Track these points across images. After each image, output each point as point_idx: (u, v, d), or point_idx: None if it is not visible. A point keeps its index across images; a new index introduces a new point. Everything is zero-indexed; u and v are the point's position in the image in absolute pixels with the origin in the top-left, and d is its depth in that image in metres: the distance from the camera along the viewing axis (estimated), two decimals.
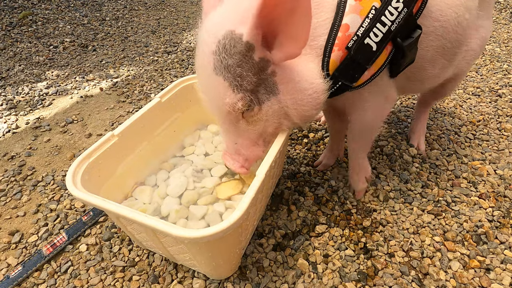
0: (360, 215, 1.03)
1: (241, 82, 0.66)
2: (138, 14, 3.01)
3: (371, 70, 0.74)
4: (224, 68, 0.65)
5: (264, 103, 0.71)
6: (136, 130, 0.94)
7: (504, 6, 2.66)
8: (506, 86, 1.66)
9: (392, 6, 0.70)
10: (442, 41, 0.83)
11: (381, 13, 0.69)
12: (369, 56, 0.72)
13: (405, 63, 0.79)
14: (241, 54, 0.64)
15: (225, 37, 0.63)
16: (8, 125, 1.53)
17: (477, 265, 0.87)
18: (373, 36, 0.70)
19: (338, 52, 0.71)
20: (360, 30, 0.69)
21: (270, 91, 0.70)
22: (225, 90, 0.66)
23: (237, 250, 0.81)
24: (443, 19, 0.80)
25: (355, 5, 0.69)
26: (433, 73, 0.91)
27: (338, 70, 0.73)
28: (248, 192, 0.66)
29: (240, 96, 0.67)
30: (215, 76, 0.66)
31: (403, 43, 0.73)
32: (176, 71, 2.01)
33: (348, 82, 0.75)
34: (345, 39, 0.70)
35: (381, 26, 0.70)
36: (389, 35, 0.71)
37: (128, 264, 0.92)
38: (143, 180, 0.99)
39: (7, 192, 1.18)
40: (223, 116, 0.72)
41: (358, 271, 0.88)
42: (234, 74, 0.65)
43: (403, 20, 0.71)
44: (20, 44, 2.35)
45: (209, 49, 0.65)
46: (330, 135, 1.19)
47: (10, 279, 0.88)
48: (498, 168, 1.17)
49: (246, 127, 0.75)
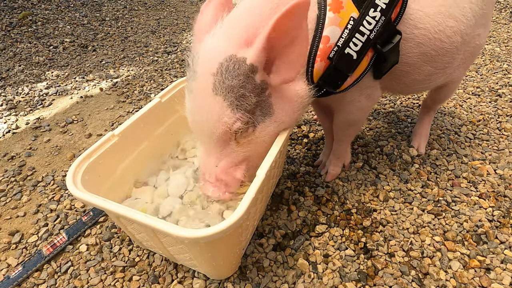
0: (360, 215, 1.03)
1: (242, 102, 0.68)
2: (138, 14, 3.01)
3: (353, 76, 0.79)
4: (225, 88, 0.66)
5: (259, 124, 0.73)
6: (136, 130, 0.93)
7: (504, 6, 2.67)
8: (506, 85, 1.66)
9: (370, 15, 0.73)
10: (424, 48, 0.85)
11: (359, 23, 0.73)
12: (350, 64, 0.75)
13: (387, 66, 0.82)
14: (244, 76, 0.66)
15: (227, 60, 0.66)
16: (8, 125, 1.53)
17: (477, 265, 0.87)
18: (352, 46, 0.73)
19: (320, 62, 0.75)
20: (340, 41, 0.73)
21: (265, 112, 0.73)
22: (224, 110, 0.68)
23: (237, 250, 0.81)
24: (422, 26, 0.82)
25: (333, 17, 0.72)
26: (418, 78, 0.93)
27: (322, 79, 0.78)
28: (248, 192, 0.66)
29: (238, 116, 0.68)
30: (214, 96, 0.67)
31: (382, 49, 0.77)
32: (176, 71, 2.01)
33: (331, 89, 0.80)
34: (327, 50, 0.74)
35: (360, 35, 0.73)
36: (368, 43, 0.74)
37: (128, 264, 0.92)
38: (143, 180, 0.99)
39: (7, 192, 1.18)
40: (215, 137, 0.72)
41: (358, 271, 0.88)
42: (236, 95, 0.67)
43: (381, 28, 0.74)
44: (20, 45, 2.35)
45: (208, 71, 0.67)
46: (325, 132, 1.22)
47: (10, 280, 0.88)
48: (498, 168, 1.17)
49: (235, 148, 0.75)
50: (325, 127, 1.19)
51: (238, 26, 0.69)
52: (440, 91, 1.14)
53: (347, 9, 0.73)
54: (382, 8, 0.73)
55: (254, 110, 0.71)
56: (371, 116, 1.51)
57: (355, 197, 1.09)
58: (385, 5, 0.73)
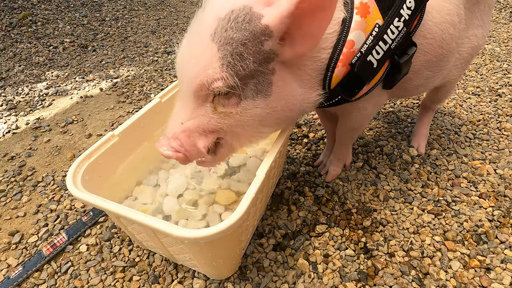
0: (360, 215, 1.03)
1: (237, 62, 0.59)
2: (137, 14, 3.01)
3: (369, 85, 0.77)
4: (225, 38, 0.58)
5: (247, 99, 0.64)
6: (136, 130, 0.94)
7: (504, 6, 2.66)
8: (506, 85, 1.66)
9: (394, 25, 0.71)
10: (428, 56, 0.86)
11: (384, 31, 0.70)
12: (370, 72, 0.73)
13: (400, 77, 0.81)
14: (252, 34, 0.58)
15: (241, 9, 0.58)
16: (8, 126, 1.53)
17: (477, 265, 0.87)
18: (375, 54, 0.71)
19: (341, 68, 0.71)
20: (364, 47, 0.70)
21: (261, 89, 0.64)
22: (212, 60, 0.59)
23: (237, 250, 0.81)
24: (430, 36, 0.82)
25: (360, 22, 0.69)
26: (418, 82, 0.93)
27: (340, 85, 0.74)
28: (248, 192, 0.66)
29: (224, 75, 0.59)
30: (209, 42, 0.59)
31: (399, 60, 0.75)
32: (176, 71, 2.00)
33: (347, 96, 0.76)
34: (350, 55, 0.70)
35: (383, 44, 0.71)
36: (389, 53, 0.73)
37: (128, 264, 0.92)
38: (143, 180, 0.99)
39: (7, 193, 1.18)
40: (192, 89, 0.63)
41: (358, 271, 0.88)
42: (233, 50, 0.58)
43: (402, 39, 0.73)
44: (20, 45, 2.35)
45: (216, 14, 0.60)
46: (326, 133, 1.22)
47: (10, 280, 0.88)
48: (498, 168, 1.17)
49: (209, 113, 0.65)
50: (326, 128, 1.19)
51: None
52: (438, 91, 1.15)
53: (373, 15, 0.70)
54: (405, 19, 0.71)
55: (247, 80, 0.62)
56: None
57: (355, 197, 1.09)
58: (408, 16, 0.72)
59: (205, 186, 0.96)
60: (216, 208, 0.90)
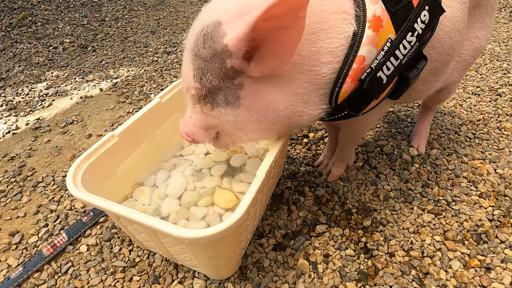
0: (360, 214, 1.03)
1: (201, 76, 0.64)
2: (137, 14, 3.01)
3: (376, 100, 0.74)
4: (195, 52, 0.63)
5: (218, 107, 0.68)
6: (136, 130, 0.93)
7: (504, 5, 2.66)
8: (506, 85, 1.66)
9: (407, 40, 0.68)
10: (435, 64, 0.84)
11: (396, 47, 0.67)
12: (379, 88, 0.69)
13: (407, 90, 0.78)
14: (214, 51, 0.60)
15: (210, 25, 0.60)
16: (8, 126, 1.53)
17: (477, 264, 0.87)
18: (385, 70, 0.68)
19: (350, 83, 0.68)
20: (375, 62, 0.67)
21: (229, 101, 0.66)
22: (188, 71, 0.66)
23: (237, 250, 0.81)
24: (439, 45, 0.80)
25: (373, 36, 0.65)
26: (422, 89, 0.93)
27: (347, 101, 0.71)
28: (248, 192, 0.66)
29: (195, 85, 0.66)
30: (190, 52, 0.65)
31: (409, 75, 0.73)
32: (176, 71, 2.01)
33: (354, 112, 0.73)
34: (359, 71, 0.67)
35: (394, 60, 0.68)
36: (400, 69, 0.70)
37: (128, 265, 0.92)
38: (143, 180, 0.99)
39: (7, 193, 1.18)
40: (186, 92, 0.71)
41: (358, 271, 0.88)
42: (199, 65, 0.63)
43: (413, 54, 0.70)
44: (19, 45, 2.35)
45: (197, 27, 0.64)
46: (328, 134, 1.22)
47: (10, 280, 0.88)
48: (498, 167, 1.17)
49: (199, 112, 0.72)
50: (328, 129, 1.19)
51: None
52: (439, 93, 1.14)
53: (386, 29, 0.66)
54: (419, 33, 0.68)
55: (216, 92, 0.66)
56: None
57: (355, 197, 1.09)
58: (421, 30, 0.68)
59: (206, 186, 0.96)
60: (216, 208, 0.90)
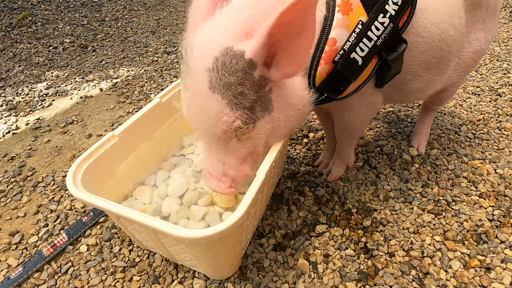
0: (360, 214, 1.03)
1: (241, 100, 0.64)
2: (137, 14, 3.01)
3: (356, 83, 0.76)
4: (223, 86, 0.62)
5: (259, 120, 0.69)
6: (136, 130, 0.93)
7: (504, 5, 2.66)
8: (506, 85, 1.66)
9: (379, 21, 0.71)
10: (426, 56, 0.85)
11: (368, 28, 0.70)
12: (355, 70, 0.73)
13: (391, 75, 0.80)
14: (243, 72, 0.61)
15: (223, 54, 0.61)
16: (8, 126, 1.53)
17: (477, 264, 0.87)
18: (359, 51, 0.71)
19: (325, 65, 0.72)
20: (347, 44, 0.70)
21: (265, 108, 0.68)
22: (223, 108, 0.64)
23: (237, 250, 0.81)
24: (426, 35, 0.81)
25: (342, 20, 0.69)
26: (418, 86, 0.92)
27: (324, 83, 0.75)
28: (249, 192, 0.66)
29: (238, 114, 0.64)
30: (212, 94, 0.63)
31: (388, 57, 0.75)
32: (176, 71, 2.01)
33: (333, 94, 0.77)
34: (332, 53, 0.71)
35: (367, 41, 0.71)
36: (375, 50, 0.72)
37: (128, 265, 0.92)
38: (143, 180, 0.99)
39: (7, 193, 1.18)
40: (215, 135, 0.69)
41: (358, 271, 0.88)
42: (234, 92, 0.63)
43: (388, 35, 0.72)
44: (19, 45, 2.35)
45: (203, 67, 0.62)
46: (326, 133, 1.21)
47: (10, 280, 0.88)
48: (498, 167, 1.17)
49: (237, 145, 0.71)
50: (326, 128, 1.19)
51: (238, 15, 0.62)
52: (439, 95, 1.14)
53: (356, 12, 0.70)
54: (391, 14, 0.71)
55: (254, 106, 0.66)
56: None
57: (355, 197, 1.09)
58: (394, 11, 0.71)
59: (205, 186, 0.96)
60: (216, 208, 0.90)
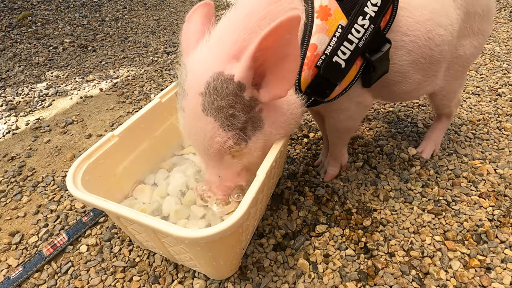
0: (360, 214, 1.03)
1: (233, 121, 0.67)
2: (137, 14, 3.01)
3: (342, 85, 0.77)
4: (215, 109, 0.65)
5: (251, 138, 0.71)
6: (136, 130, 0.93)
7: (504, 5, 2.66)
8: (506, 85, 1.66)
9: (358, 23, 0.71)
10: (414, 56, 0.84)
11: (348, 31, 0.71)
12: (338, 73, 0.74)
13: (377, 75, 0.80)
14: (233, 95, 0.64)
15: (214, 79, 0.63)
16: (8, 126, 1.53)
17: (477, 264, 0.87)
18: (341, 54, 0.72)
19: (308, 71, 0.73)
20: (328, 49, 0.71)
21: (256, 126, 0.71)
22: (215, 130, 0.67)
23: (237, 250, 0.81)
24: (412, 33, 0.81)
25: (321, 25, 0.71)
26: (407, 87, 0.92)
27: (310, 88, 0.76)
28: (249, 192, 0.66)
29: (230, 135, 0.68)
30: (205, 117, 0.66)
31: (371, 58, 0.75)
32: (176, 71, 2.01)
33: (320, 98, 0.78)
34: (314, 58, 0.72)
35: (348, 44, 0.72)
36: (357, 52, 0.73)
37: (128, 265, 0.92)
38: (143, 180, 0.99)
39: (7, 193, 1.18)
40: (210, 154, 0.72)
41: (358, 271, 0.88)
42: (226, 114, 0.65)
43: (370, 36, 0.73)
44: (19, 45, 2.35)
45: (196, 91, 0.65)
46: (322, 133, 1.22)
47: (10, 280, 0.88)
48: (498, 167, 1.17)
49: (231, 161, 0.74)
50: (321, 128, 1.19)
51: (225, 40, 0.66)
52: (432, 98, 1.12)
53: (335, 17, 0.71)
54: (371, 16, 0.72)
55: (245, 126, 0.69)
56: (371, 115, 1.51)
57: (355, 197, 1.09)
58: (374, 13, 0.72)
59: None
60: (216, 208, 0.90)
